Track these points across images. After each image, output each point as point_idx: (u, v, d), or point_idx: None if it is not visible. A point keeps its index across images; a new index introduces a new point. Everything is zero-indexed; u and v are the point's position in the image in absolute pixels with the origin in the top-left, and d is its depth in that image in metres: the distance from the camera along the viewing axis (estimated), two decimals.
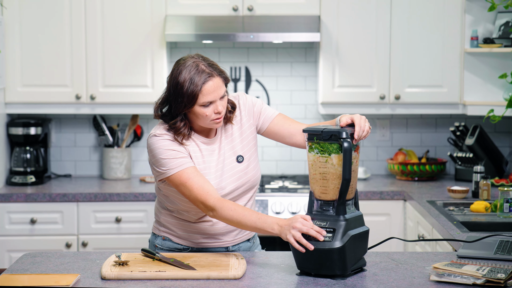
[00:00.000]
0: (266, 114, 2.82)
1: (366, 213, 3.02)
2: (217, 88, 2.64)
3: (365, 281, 2.41)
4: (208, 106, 2.64)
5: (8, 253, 4.36)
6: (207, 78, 2.62)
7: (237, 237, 2.82)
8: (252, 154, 2.81)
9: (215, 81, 2.63)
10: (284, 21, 4.55)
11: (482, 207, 3.68)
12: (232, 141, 2.79)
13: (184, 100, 2.61)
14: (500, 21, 4.50)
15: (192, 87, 2.60)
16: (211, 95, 2.63)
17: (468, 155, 4.64)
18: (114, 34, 4.57)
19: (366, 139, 4.99)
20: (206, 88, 2.61)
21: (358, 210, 2.54)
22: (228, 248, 2.82)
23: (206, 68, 2.64)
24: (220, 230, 2.77)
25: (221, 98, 2.67)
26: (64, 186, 4.62)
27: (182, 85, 2.61)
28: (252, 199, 2.85)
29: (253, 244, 2.93)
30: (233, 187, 2.74)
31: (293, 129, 2.80)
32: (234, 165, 2.76)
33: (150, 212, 4.38)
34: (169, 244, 2.82)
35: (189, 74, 2.61)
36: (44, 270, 2.55)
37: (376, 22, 4.59)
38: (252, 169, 2.79)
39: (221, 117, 2.68)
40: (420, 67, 4.62)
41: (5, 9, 4.52)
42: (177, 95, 2.63)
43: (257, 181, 2.82)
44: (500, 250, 2.71)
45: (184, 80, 2.61)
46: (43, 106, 4.63)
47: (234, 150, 2.78)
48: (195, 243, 2.79)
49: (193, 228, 2.78)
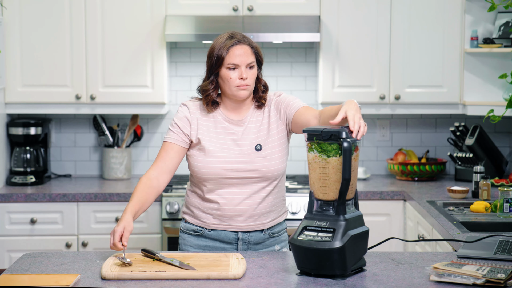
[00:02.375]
0: (292, 106, 2.90)
1: (366, 213, 3.02)
2: (244, 53, 2.83)
3: (365, 281, 2.41)
4: (234, 70, 2.82)
5: (8, 253, 4.36)
6: (236, 42, 2.83)
7: (244, 224, 2.89)
8: (275, 148, 2.88)
9: (243, 47, 2.84)
10: (284, 21, 4.55)
11: (482, 207, 3.68)
12: (258, 129, 2.89)
13: (213, 61, 2.83)
14: (500, 21, 4.50)
15: (221, 48, 2.82)
16: (236, 58, 2.81)
17: (468, 155, 4.64)
18: (114, 34, 4.57)
19: (366, 139, 4.99)
20: (232, 50, 2.82)
21: (358, 210, 2.54)
22: (238, 234, 2.90)
23: (238, 35, 2.86)
24: (226, 212, 2.88)
25: (249, 66, 2.84)
26: (64, 186, 4.62)
27: (214, 48, 2.84)
28: (265, 192, 2.89)
29: (270, 238, 2.96)
30: (238, 168, 2.84)
31: (308, 116, 2.84)
32: (251, 151, 2.86)
33: (150, 212, 4.38)
34: (187, 226, 2.97)
35: (222, 39, 2.85)
36: (44, 270, 2.55)
37: (376, 22, 4.59)
38: (269, 161, 2.86)
39: (247, 86, 2.84)
40: (420, 67, 4.62)
41: (5, 9, 4.52)
42: (209, 58, 2.86)
43: (271, 175, 2.88)
44: (500, 250, 2.71)
45: (217, 43, 2.84)
46: (43, 106, 4.63)
47: (256, 137, 2.88)
48: (207, 224, 2.91)
49: (204, 208, 2.90)
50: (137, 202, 2.79)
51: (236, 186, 2.86)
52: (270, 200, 2.91)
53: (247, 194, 2.87)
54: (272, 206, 2.93)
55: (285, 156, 2.92)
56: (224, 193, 2.87)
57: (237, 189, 2.87)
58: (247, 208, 2.88)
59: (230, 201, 2.87)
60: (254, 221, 2.90)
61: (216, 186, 2.87)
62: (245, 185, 2.87)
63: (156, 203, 4.36)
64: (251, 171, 2.85)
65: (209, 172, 2.85)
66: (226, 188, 2.87)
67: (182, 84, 4.94)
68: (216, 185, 2.87)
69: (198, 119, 2.90)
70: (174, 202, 4.32)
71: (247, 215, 2.88)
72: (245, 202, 2.87)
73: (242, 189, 2.87)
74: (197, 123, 2.90)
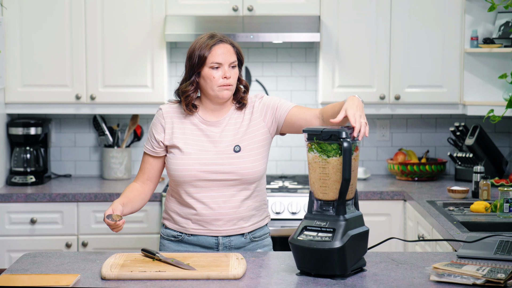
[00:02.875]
0: (282, 108, 2.87)
1: (366, 213, 3.02)
2: (227, 52, 2.81)
3: (365, 281, 2.41)
4: (217, 69, 2.79)
5: (8, 253, 4.36)
6: (218, 41, 2.81)
7: (223, 228, 2.85)
8: (254, 151, 2.84)
9: (225, 46, 2.82)
10: (284, 21, 4.55)
11: (482, 207, 3.68)
12: (236, 131, 2.85)
13: (195, 61, 2.80)
14: (500, 21, 4.50)
15: (203, 48, 2.80)
16: (219, 57, 2.79)
17: (468, 155, 4.64)
18: (114, 34, 4.57)
19: (366, 139, 5.00)
20: (215, 49, 2.79)
21: (358, 210, 2.54)
22: (218, 239, 2.86)
23: (219, 35, 2.84)
24: (204, 216, 2.84)
25: (232, 66, 2.82)
26: (64, 186, 4.62)
27: (194, 48, 2.82)
28: (244, 196, 2.84)
29: (252, 243, 2.92)
30: (215, 170, 2.80)
31: (308, 116, 2.82)
32: (229, 152, 2.82)
33: (150, 212, 4.38)
34: (167, 231, 2.93)
35: (202, 39, 2.83)
36: (44, 270, 2.55)
37: (376, 22, 4.59)
38: (247, 163, 2.81)
39: (229, 85, 2.81)
40: (420, 67, 4.62)
41: (5, 9, 4.52)
42: (190, 58, 2.82)
43: (250, 178, 2.83)
44: (500, 250, 2.71)
45: (197, 43, 2.82)
46: (43, 106, 4.63)
47: (234, 138, 2.84)
48: (187, 229, 2.87)
49: (182, 212, 2.87)
50: (124, 197, 2.84)
51: (213, 189, 2.81)
52: (249, 203, 2.86)
53: (226, 197, 2.82)
54: (252, 210, 2.88)
55: (264, 158, 2.87)
56: (201, 197, 2.82)
57: (214, 193, 2.82)
58: (226, 212, 2.83)
59: (208, 205, 2.82)
60: (233, 225, 2.85)
61: (193, 190, 2.82)
62: (223, 188, 2.82)
63: (155, 203, 4.36)
64: (229, 173, 2.80)
65: (185, 174, 2.80)
66: (204, 192, 2.82)
67: None
68: (193, 188, 2.82)
69: (174, 122, 2.87)
70: None
71: (226, 219, 2.84)
72: (223, 206, 2.82)
73: (220, 192, 2.82)
74: (172, 127, 2.86)
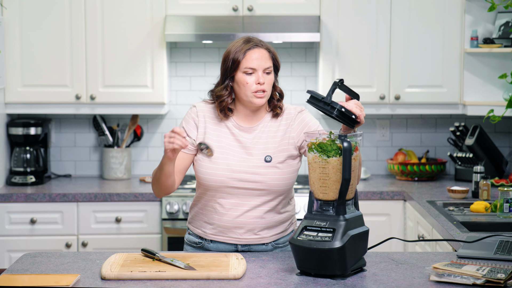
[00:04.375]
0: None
1: (366, 213, 3.02)
2: (261, 57, 2.75)
3: (365, 281, 2.41)
4: (250, 75, 2.74)
5: (8, 253, 4.36)
6: (253, 46, 2.76)
7: (243, 237, 2.80)
8: (285, 163, 2.78)
9: (260, 51, 2.76)
10: (284, 21, 4.55)
11: (482, 207, 3.68)
12: (269, 140, 2.80)
13: (229, 64, 2.75)
14: (500, 21, 4.50)
15: (237, 52, 2.75)
16: (253, 62, 2.73)
17: (468, 155, 4.64)
18: (114, 34, 4.57)
19: (366, 139, 5.00)
20: (249, 54, 2.74)
21: (358, 210, 2.54)
22: (237, 247, 2.83)
23: (255, 39, 2.79)
24: (225, 223, 2.78)
25: (266, 72, 2.76)
26: (64, 186, 4.62)
27: (229, 51, 2.77)
28: (268, 207, 2.79)
29: (275, 249, 2.87)
30: (244, 178, 2.74)
31: None
32: (260, 162, 2.76)
33: (150, 212, 4.38)
34: (190, 237, 2.91)
35: (238, 43, 2.78)
36: (44, 270, 2.55)
37: (376, 22, 4.59)
38: (277, 174, 2.76)
39: (264, 91, 2.74)
40: (420, 67, 4.62)
41: (5, 9, 4.52)
42: (224, 62, 2.78)
43: (277, 190, 2.78)
44: (500, 250, 2.72)
45: (233, 47, 2.77)
46: (43, 106, 4.63)
47: (266, 147, 2.78)
48: (206, 234, 2.83)
49: (204, 216, 2.83)
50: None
51: (238, 197, 2.77)
52: (272, 216, 2.81)
53: (249, 207, 2.77)
54: (275, 222, 2.83)
55: (294, 172, 2.81)
56: (225, 203, 2.77)
57: (239, 200, 2.77)
58: (247, 221, 2.78)
59: (230, 212, 2.78)
60: (253, 234, 2.81)
61: (218, 194, 2.77)
62: (248, 197, 2.76)
63: (156, 203, 4.36)
64: (257, 183, 2.75)
65: (214, 179, 2.75)
66: (229, 198, 2.77)
67: (182, 84, 4.95)
68: (218, 193, 2.77)
69: (207, 122, 2.81)
70: (174, 202, 4.32)
71: (247, 228, 2.79)
72: (246, 215, 2.78)
73: (244, 201, 2.77)
74: (205, 126, 2.81)
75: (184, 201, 4.31)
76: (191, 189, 4.45)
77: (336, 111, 2.50)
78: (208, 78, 4.92)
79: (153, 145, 4.97)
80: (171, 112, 4.95)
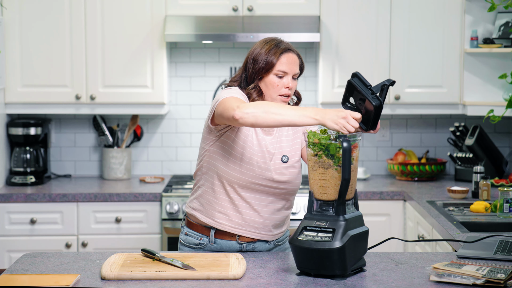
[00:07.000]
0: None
1: (366, 213, 3.02)
2: (293, 62, 2.80)
3: (365, 281, 2.41)
4: (281, 78, 2.78)
5: (8, 253, 4.36)
6: (287, 49, 2.80)
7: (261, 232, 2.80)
8: (298, 162, 2.85)
9: (293, 56, 2.81)
10: (284, 21, 4.55)
11: (482, 207, 3.68)
12: (284, 140, 2.84)
13: (261, 66, 2.77)
14: (500, 21, 4.50)
15: (272, 54, 2.78)
16: (287, 66, 2.77)
17: (468, 155, 4.64)
18: (114, 34, 4.57)
19: (366, 139, 4.99)
20: (283, 57, 2.78)
21: (357, 210, 2.54)
22: (242, 246, 2.82)
23: (285, 42, 2.83)
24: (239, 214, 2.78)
25: (294, 77, 2.80)
26: (64, 186, 4.62)
27: (261, 52, 2.78)
28: (280, 205, 2.83)
29: (275, 247, 2.89)
30: (269, 177, 2.77)
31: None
32: (279, 162, 2.80)
33: (150, 212, 4.38)
34: (188, 238, 2.86)
35: (271, 44, 2.81)
36: (44, 270, 2.55)
37: (376, 22, 4.59)
38: (294, 174, 2.82)
39: (289, 95, 2.79)
40: (420, 67, 4.62)
41: (5, 9, 4.52)
42: (255, 62, 2.78)
43: (293, 190, 2.84)
44: (500, 250, 2.72)
45: (264, 48, 2.79)
46: (43, 106, 4.63)
47: (281, 146, 2.82)
48: (217, 223, 2.79)
49: (218, 205, 2.80)
50: None
51: (258, 193, 2.78)
52: (284, 213, 2.86)
53: (267, 202, 2.80)
54: (285, 220, 2.89)
55: (301, 172, 2.89)
56: (247, 197, 2.78)
57: (259, 196, 2.79)
58: (269, 217, 2.81)
59: (252, 208, 2.79)
60: (264, 231, 2.82)
61: (242, 190, 2.78)
62: (266, 195, 2.79)
63: (155, 203, 4.36)
64: (280, 182, 2.79)
65: (240, 178, 2.76)
66: (249, 192, 2.78)
67: (182, 84, 4.95)
68: (241, 188, 2.78)
69: None
70: (174, 202, 4.32)
71: (267, 224, 2.81)
72: (265, 211, 2.80)
73: (262, 197, 2.79)
74: None
75: (184, 201, 4.31)
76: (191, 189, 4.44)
77: (376, 102, 2.52)
78: (208, 78, 4.93)
79: (153, 145, 4.97)
80: (171, 112, 4.95)
